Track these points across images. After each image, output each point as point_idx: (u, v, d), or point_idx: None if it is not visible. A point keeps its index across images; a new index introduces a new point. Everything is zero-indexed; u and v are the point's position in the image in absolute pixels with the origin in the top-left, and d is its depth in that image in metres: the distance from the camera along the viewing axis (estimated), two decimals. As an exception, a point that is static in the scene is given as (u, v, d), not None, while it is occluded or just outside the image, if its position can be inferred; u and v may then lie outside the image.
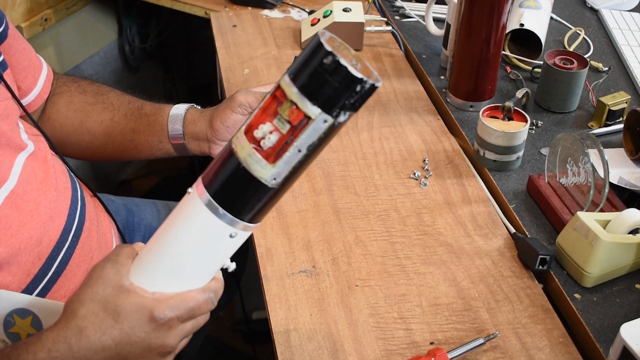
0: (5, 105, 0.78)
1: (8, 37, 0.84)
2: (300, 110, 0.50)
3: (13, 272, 0.72)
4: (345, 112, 0.51)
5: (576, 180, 0.86)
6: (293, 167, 0.53)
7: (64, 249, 0.79)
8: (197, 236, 0.57)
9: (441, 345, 0.74)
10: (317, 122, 0.51)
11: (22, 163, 0.77)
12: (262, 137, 0.52)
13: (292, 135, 0.51)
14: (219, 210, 0.55)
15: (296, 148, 0.52)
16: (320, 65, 0.49)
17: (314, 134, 0.51)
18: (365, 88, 0.50)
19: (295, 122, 0.51)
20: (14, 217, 0.73)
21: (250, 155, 0.53)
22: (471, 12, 1.01)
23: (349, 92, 0.50)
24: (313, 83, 0.50)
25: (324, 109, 0.50)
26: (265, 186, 0.54)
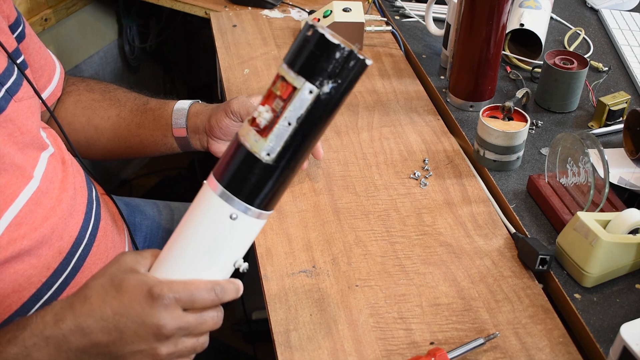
0: (29, 103, 0.79)
1: (26, 36, 0.86)
2: (288, 83, 0.54)
3: (34, 265, 0.74)
4: (328, 81, 0.53)
5: (576, 180, 0.86)
6: (285, 142, 0.55)
7: (82, 246, 0.81)
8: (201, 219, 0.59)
9: (441, 345, 0.74)
10: (302, 92, 0.53)
11: (46, 162, 0.78)
12: (258, 116, 0.56)
13: (282, 108, 0.54)
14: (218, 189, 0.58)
15: (285, 120, 0.54)
16: (304, 39, 0.53)
17: (301, 105, 0.54)
18: (345, 55, 0.53)
19: (285, 95, 0.54)
20: (38, 212, 0.75)
21: (250, 135, 0.56)
22: (471, 12, 1.01)
23: (329, 59, 0.53)
24: (297, 54, 0.54)
25: (307, 77, 0.53)
26: (260, 161, 0.56)
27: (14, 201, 0.72)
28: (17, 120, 0.76)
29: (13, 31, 0.83)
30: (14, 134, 0.75)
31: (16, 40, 0.83)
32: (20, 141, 0.76)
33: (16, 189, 0.73)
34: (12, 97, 0.77)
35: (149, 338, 0.59)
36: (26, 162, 0.75)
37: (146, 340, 0.59)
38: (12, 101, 0.76)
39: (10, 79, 0.77)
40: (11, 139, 0.75)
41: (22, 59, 0.83)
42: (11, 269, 0.72)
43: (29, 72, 0.85)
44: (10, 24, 0.83)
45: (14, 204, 0.72)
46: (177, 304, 0.59)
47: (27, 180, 0.74)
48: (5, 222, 0.71)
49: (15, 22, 0.84)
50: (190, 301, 0.60)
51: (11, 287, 0.72)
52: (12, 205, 0.72)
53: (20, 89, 0.78)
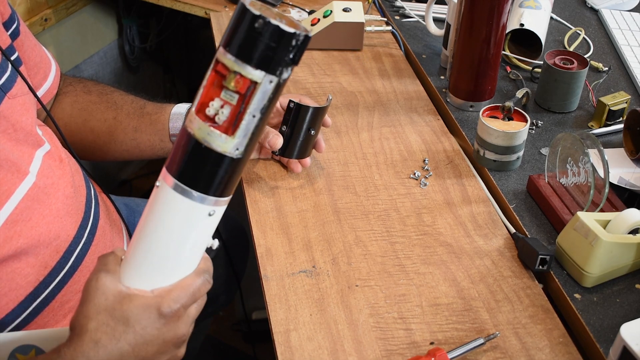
0: (23, 100, 0.79)
1: (20, 34, 0.86)
2: (245, 77, 0.52)
3: (31, 264, 0.74)
4: (287, 68, 0.53)
5: (576, 180, 0.86)
6: (252, 133, 0.55)
7: (81, 245, 0.81)
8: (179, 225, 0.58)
9: (441, 345, 0.74)
10: (264, 85, 0.52)
11: (41, 159, 0.78)
12: (215, 113, 0.54)
13: (243, 103, 0.53)
14: (193, 194, 0.57)
15: (250, 114, 0.54)
16: (252, 30, 0.51)
17: (264, 97, 0.53)
18: (300, 40, 0.52)
19: (243, 90, 0.53)
20: (35, 209, 0.74)
21: (209, 134, 0.54)
22: (471, 12, 1.01)
23: (287, 49, 0.52)
24: (250, 48, 0.51)
25: (267, 70, 0.52)
26: (230, 158, 0.55)
27: (9, 198, 0.72)
28: (11, 117, 0.76)
29: (7, 28, 0.83)
30: (7, 130, 0.75)
31: (10, 37, 0.83)
32: (14, 138, 0.76)
33: (11, 185, 0.72)
34: (6, 93, 0.76)
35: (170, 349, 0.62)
36: (21, 159, 0.75)
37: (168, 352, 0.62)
38: (6, 98, 0.76)
39: (4, 76, 0.77)
40: (5, 136, 0.75)
41: (16, 56, 0.83)
42: (8, 267, 0.72)
43: (24, 70, 0.85)
44: (4, 21, 0.83)
45: (10, 200, 0.72)
46: (184, 309, 0.61)
47: (23, 176, 0.74)
48: (1, 220, 0.71)
49: (9, 20, 0.84)
50: (192, 299, 0.62)
51: (8, 286, 0.72)
52: (7, 202, 0.71)
53: (14, 85, 0.78)
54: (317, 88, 1.16)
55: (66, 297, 0.79)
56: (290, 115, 0.92)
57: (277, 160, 0.99)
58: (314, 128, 0.92)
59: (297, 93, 1.09)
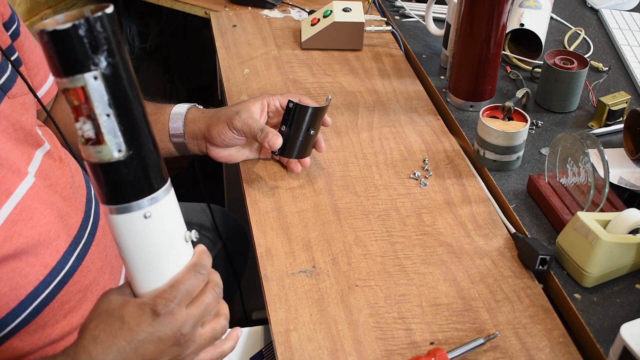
0: (23, 100, 0.79)
1: (20, 34, 0.86)
2: (73, 88, 0.52)
3: (32, 264, 0.74)
4: (99, 57, 0.51)
5: (576, 180, 0.86)
6: (121, 130, 0.54)
7: (81, 244, 0.81)
8: (129, 239, 0.59)
9: (441, 345, 0.74)
10: (90, 85, 0.52)
11: (40, 159, 0.78)
12: (83, 133, 0.55)
13: (89, 109, 0.53)
14: (118, 207, 0.58)
15: (103, 115, 0.53)
16: (45, 47, 0.51)
17: (101, 94, 0.52)
18: (83, 28, 0.50)
19: (83, 99, 0.52)
20: (35, 209, 0.75)
21: (93, 152, 0.55)
22: (471, 12, 1.01)
23: (77, 43, 0.50)
24: (55, 61, 0.51)
25: (80, 72, 0.51)
26: (120, 162, 0.55)
27: (9, 197, 0.72)
28: (11, 117, 0.76)
29: (7, 28, 0.83)
30: (7, 130, 0.75)
31: (10, 38, 0.83)
32: (14, 137, 0.76)
33: (11, 185, 0.73)
34: (6, 93, 0.77)
35: (171, 348, 0.62)
36: (21, 159, 0.75)
37: (168, 351, 0.62)
38: (6, 98, 0.76)
39: (4, 76, 0.77)
40: (4, 135, 0.75)
41: (16, 56, 0.83)
42: (8, 267, 0.72)
43: (24, 70, 0.85)
44: (4, 22, 0.83)
45: (10, 200, 0.72)
46: (179, 306, 0.62)
47: (22, 176, 0.74)
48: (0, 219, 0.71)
49: (9, 20, 0.84)
50: (187, 295, 0.62)
51: (8, 285, 0.72)
52: (7, 201, 0.72)
53: (14, 85, 0.78)
54: (317, 88, 1.16)
55: (66, 297, 0.79)
56: (290, 115, 0.92)
57: (277, 160, 0.99)
58: (313, 128, 0.92)
59: (297, 93, 1.09)
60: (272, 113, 0.96)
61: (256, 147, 0.99)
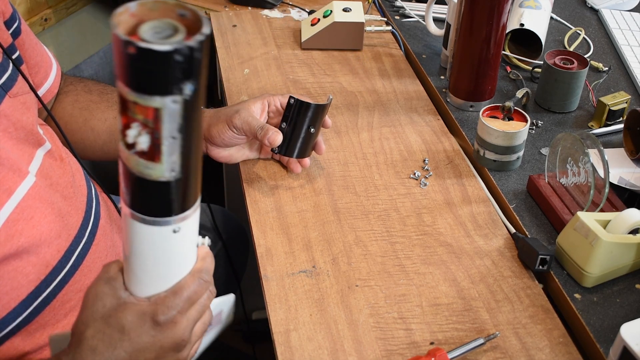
0: (24, 99, 0.79)
1: (22, 33, 0.86)
2: (146, 106, 0.47)
3: (33, 263, 0.74)
4: (185, 84, 0.47)
5: (576, 180, 0.86)
6: (181, 153, 0.50)
7: (82, 244, 0.81)
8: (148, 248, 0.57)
9: (441, 345, 0.74)
10: (168, 108, 0.47)
11: (41, 158, 0.78)
12: (134, 142, 0.50)
13: (156, 130, 0.48)
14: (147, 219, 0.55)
15: (169, 138, 0.49)
16: (130, 58, 0.45)
17: (174, 118, 0.48)
18: (185, 53, 0.45)
19: (150, 117, 0.48)
20: (36, 208, 0.75)
21: (138, 164, 0.51)
22: (471, 12, 1.01)
23: (171, 68, 0.45)
24: (134, 77, 0.46)
25: (162, 94, 0.46)
26: (167, 182, 0.52)
27: (10, 197, 0.72)
28: (12, 116, 0.76)
29: (8, 27, 0.83)
30: (8, 129, 0.75)
31: (11, 36, 0.83)
32: (14, 137, 0.76)
33: (12, 184, 0.73)
34: (7, 92, 0.77)
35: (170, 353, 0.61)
36: (21, 158, 0.75)
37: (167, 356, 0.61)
38: (7, 97, 0.76)
39: (5, 75, 0.77)
40: (5, 135, 0.75)
41: (17, 55, 0.83)
42: (9, 266, 0.72)
43: (25, 69, 0.85)
44: (5, 20, 0.83)
45: (11, 199, 0.72)
46: (181, 314, 0.60)
47: (23, 176, 0.74)
48: (2, 219, 0.71)
49: (10, 18, 0.84)
50: (189, 302, 0.61)
51: (9, 285, 0.72)
52: (8, 200, 0.72)
53: (15, 84, 0.78)
54: (317, 88, 1.16)
55: (67, 296, 0.79)
56: (291, 112, 0.92)
57: (277, 160, 0.99)
58: (314, 126, 0.92)
59: (297, 93, 1.09)
60: (273, 113, 0.96)
61: (256, 147, 0.99)
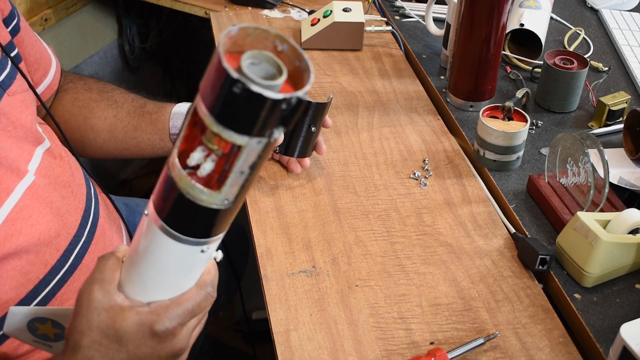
0: (23, 97, 0.79)
1: (20, 30, 0.86)
2: (227, 141, 0.45)
3: (32, 262, 0.74)
4: (278, 129, 0.46)
5: (576, 180, 0.86)
6: (241, 186, 0.49)
7: (81, 243, 0.81)
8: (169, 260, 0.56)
9: (441, 345, 0.74)
10: (249, 147, 0.46)
11: (40, 156, 0.78)
12: (197, 165, 0.48)
13: (228, 162, 0.47)
14: (181, 238, 0.53)
15: (237, 172, 0.48)
16: (233, 96, 0.42)
17: (250, 156, 0.47)
18: (292, 104, 0.44)
19: (226, 150, 0.46)
20: (35, 207, 0.74)
21: (192, 187, 0.49)
22: (471, 12, 1.01)
23: (273, 115, 0.44)
24: (232, 115, 0.44)
25: (252, 135, 0.45)
26: (217, 210, 0.50)
27: (9, 196, 0.72)
28: (11, 114, 0.76)
29: (7, 24, 0.83)
30: (7, 127, 0.75)
31: (10, 34, 0.83)
32: (13, 135, 0.76)
33: (11, 183, 0.73)
34: (5, 90, 0.76)
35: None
36: (20, 157, 0.75)
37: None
38: (5, 95, 0.76)
39: (3, 73, 0.77)
40: (4, 133, 0.75)
41: (15, 52, 0.83)
42: (8, 265, 0.72)
43: (23, 66, 0.85)
44: (4, 18, 0.83)
45: (9, 198, 0.72)
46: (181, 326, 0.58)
47: (22, 174, 0.74)
48: (0, 218, 0.71)
49: (9, 16, 0.84)
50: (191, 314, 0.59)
51: (9, 284, 0.72)
52: (7, 199, 0.72)
53: (13, 82, 0.78)
54: (317, 88, 1.16)
55: (66, 296, 0.79)
56: None
57: (277, 160, 0.99)
58: (314, 125, 0.92)
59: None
60: None
61: None
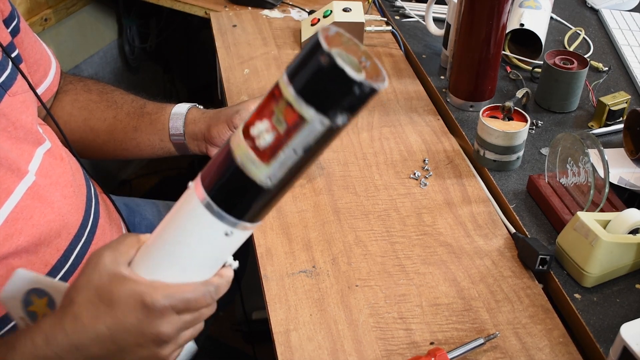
0: (23, 97, 0.79)
1: (20, 31, 0.86)
2: (295, 111, 0.48)
3: (32, 262, 0.74)
4: (343, 114, 0.49)
5: (576, 180, 0.86)
6: (289, 169, 0.51)
7: (81, 243, 0.81)
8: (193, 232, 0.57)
9: (441, 345, 0.74)
10: (312, 124, 0.48)
11: (41, 157, 0.78)
12: (258, 135, 0.51)
13: (287, 135, 0.49)
14: (214, 208, 0.55)
15: (291, 149, 0.50)
16: (316, 66, 0.46)
17: (309, 136, 0.49)
18: (365, 91, 0.47)
19: (291, 122, 0.49)
20: (36, 207, 0.75)
21: (246, 155, 0.51)
22: (471, 12, 1.01)
23: (346, 95, 0.47)
24: (309, 83, 0.48)
25: (319, 110, 0.48)
26: (259, 187, 0.52)
27: (9, 196, 0.72)
28: (11, 115, 0.76)
29: (7, 25, 0.83)
30: (7, 128, 0.75)
31: (10, 35, 0.83)
32: (14, 136, 0.76)
33: (11, 184, 0.73)
34: (6, 91, 0.76)
35: (149, 345, 0.59)
36: (21, 157, 0.75)
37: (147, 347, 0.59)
38: (6, 96, 0.76)
39: (4, 73, 0.77)
40: (5, 134, 0.75)
41: (16, 53, 0.83)
42: (9, 265, 0.72)
43: (24, 67, 0.85)
44: (4, 18, 0.83)
45: (10, 199, 0.72)
46: (173, 310, 0.58)
47: (22, 175, 0.74)
48: (1, 218, 0.71)
49: (9, 16, 0.84)
50: (186, 306, 0.58)
51: None
52: (7, 200, 0.72)
53: (14, 83, 0.78)
54: (317, 88, 1.16)
55: None
56: None
57: (277, 160, 0.99)
58: None
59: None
60: None
61: None
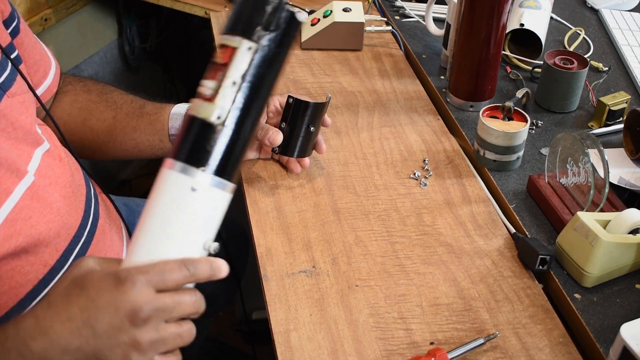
0: (23, 98, 0.79)
1: (20, 32, 0.86)
2: (227, 46, 0.57)
3: (31, 262, 0.74)
4: (264, 34, 0.56)
5: (576, 180, 0.86)
6: (233, 101, 0.57)
7: (80, 243, 0.81)
8: (162, 195, 0.58)
9: (441, 345, 0.74)
10: (241, 50, 0.56)
11: (40, 158, 0.78)
12: (205, 88, 0.58)
13: (224, 72, 0.56)
14: (176, 165, 0.57)
15: (230, 80, 0.56)
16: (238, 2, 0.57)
17: (242, 63, 0.56)
18: (275, 5, 0.56)
19: (226, 59, 0.56)
20: (34, 208, 0.75)
21: (197, 105, 0.58)
22: (471, 12, 1.01)
23: (259, 12, 0.56)
24: (235, 18, 0.57)
25: (242, 35, 0.56)
26: (211, 125, 0.57)
27: (8, 196, 0.72)
28: (10, 116, 0.76)
29: (7, 26, 0.83)
30: (6, 129, 0.75)
31: (10, 36, 0.83)
32: (13, 136, 0.76)
33: (10, 184, 0.73)
34: (5, 92, 0.77)
35: (125, 326, 0.55)
36: (20, 158, 0.75)
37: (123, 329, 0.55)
38: (5, 96, 0.76)
39: (4, 74, 0.77)
40: (4, 134, 0.75)
41: (16, 54, 0.83)
42: (8, 266, 0.72)
43: (24, 68, 0.85)
44: (4, 19, 0.83)
45: (9, 199, 0.72)
46: (148, 284, 0.55)
47: (22, 175, 0.74)
48: (0, 218, 0.71)
49: (9, 17, 0.84)
50: (162, 280, 0.56)
51: (8, 284, 0.72)
52: (7, 200, 0.72)
53: (13, 84, 0.78)
54: (317, 88, 1.16)
55: None
56: (290, 111, 0.92)
57: (276, 160, 0.99)
58: (313, 125, 0.92)
59: (297, 93, 1.09)
60: (272, 113, 0.96)
61: (256, 147, 0.99)
